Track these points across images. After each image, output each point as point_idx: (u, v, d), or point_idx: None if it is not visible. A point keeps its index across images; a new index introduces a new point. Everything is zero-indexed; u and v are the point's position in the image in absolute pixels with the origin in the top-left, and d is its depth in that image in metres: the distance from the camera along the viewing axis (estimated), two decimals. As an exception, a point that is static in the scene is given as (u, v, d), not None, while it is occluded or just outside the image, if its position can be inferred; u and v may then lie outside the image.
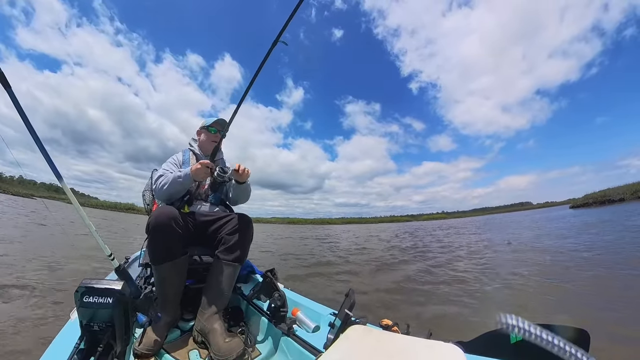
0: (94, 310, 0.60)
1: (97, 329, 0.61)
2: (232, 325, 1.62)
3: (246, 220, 1.67)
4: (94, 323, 0.61)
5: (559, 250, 7.24)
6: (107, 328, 0.62)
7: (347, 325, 1.13)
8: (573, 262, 5.72)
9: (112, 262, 1.05)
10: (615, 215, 16.49)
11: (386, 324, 1.27)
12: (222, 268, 1.56)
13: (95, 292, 0.60)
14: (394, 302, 3.98)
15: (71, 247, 6.28)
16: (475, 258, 7.37)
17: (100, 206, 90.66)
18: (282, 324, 1.43)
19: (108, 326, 0.62)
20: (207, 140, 1.93)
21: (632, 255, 5.66)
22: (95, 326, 0.61)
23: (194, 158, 1.93)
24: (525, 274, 5.06)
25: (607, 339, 2.41)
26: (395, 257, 8.55)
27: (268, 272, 1.68)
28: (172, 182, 1.59)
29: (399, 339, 0.84)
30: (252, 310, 1.72)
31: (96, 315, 0.61)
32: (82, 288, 0.60)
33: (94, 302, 0.60)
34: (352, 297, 1.28)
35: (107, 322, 0.62)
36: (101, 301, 0.60)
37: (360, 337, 0.88)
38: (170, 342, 1.43)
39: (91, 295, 0.60)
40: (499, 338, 0.99)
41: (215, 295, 1.53)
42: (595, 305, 3.35)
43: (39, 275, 4.02)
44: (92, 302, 0.60)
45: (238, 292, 1.87)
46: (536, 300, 3.74)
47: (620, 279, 4.31)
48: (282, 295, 1.53)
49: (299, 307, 1.61)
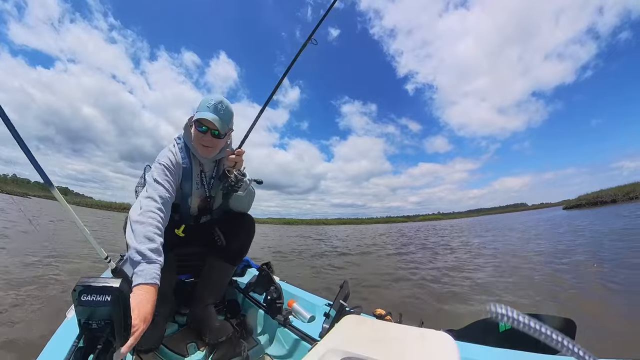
0: (92, 309, 0.60)
1: (95, 326, 0.61)
2: (229, 317, 1.64)
3: (249, 220, 1.61)
4: (92, 321, 0.61)
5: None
6: (106, 325, 0.62)
7: (341, 315, 1.16)
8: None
9: (109, 264, 1.04)
10: (598, 217, 16.86)
11: (379, 314, 1.30)
12: (217, 266, 1.56)
13: (93, 290, 0.60)
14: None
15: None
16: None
17: (96, 205, 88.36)
18: (279, 315, 1.45)
19: (107, 324, 0.62)
20: (197, 142, 1.40)
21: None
22: (94, 324, 0.61)
23: (197, 164, 1.49)
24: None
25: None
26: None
27: (264, 265, 1.69)
28: (129, 246, 1.05)
29: (392, 328, 0.86)
30: (248, 302, 1.74)
31: (94, 314, 0.61)
32: (80, 287, 0.59)
33: (92, 300, 0.59)
34: (346, 288, 1.31)
35: (106, 319, 0.62)
36: (99, 299, 0.59)
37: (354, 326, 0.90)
38: (169, 336, 1.45)
39: (89, 294, 0.59)
40: (488, 326, 1.03)
41: (209, 290, 1.54)
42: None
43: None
44: (90, 300, 0.59)
45: (234, 285, 1.89)
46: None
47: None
48: (278, 288, 1.55)
49: (295, 299, 1.64)
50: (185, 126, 1.48)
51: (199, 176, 1.48)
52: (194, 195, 1.49)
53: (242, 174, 1.45)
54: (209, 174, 1.52)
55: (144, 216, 1.11)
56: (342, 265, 6.96)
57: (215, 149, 1.43)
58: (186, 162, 1.43)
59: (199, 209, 1.55)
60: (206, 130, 1.36)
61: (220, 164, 1.55)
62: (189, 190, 1.47)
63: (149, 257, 0.99)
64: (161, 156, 1.38)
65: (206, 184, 1.51)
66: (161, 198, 1.20)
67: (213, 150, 1.42)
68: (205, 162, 1.48)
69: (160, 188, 1.24)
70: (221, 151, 1.49)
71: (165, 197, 1.23)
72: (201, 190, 1.51)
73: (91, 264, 4.98)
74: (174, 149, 1.43)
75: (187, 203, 1.50)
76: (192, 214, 1.54)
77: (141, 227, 1.07)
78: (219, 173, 1.53)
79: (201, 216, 1.58)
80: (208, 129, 1.36)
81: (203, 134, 1.37)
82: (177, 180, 1.40)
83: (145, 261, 0.98)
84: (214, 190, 1.56)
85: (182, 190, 1.47)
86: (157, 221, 1.12)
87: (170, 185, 1.30)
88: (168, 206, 1.24)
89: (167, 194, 1.25)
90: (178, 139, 1.49)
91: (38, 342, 2.09)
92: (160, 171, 1.30)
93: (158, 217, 1.13)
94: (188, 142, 1.45)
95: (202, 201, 1.54)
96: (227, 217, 1.63)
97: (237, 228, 1.58)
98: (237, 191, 1.46)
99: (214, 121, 1.32)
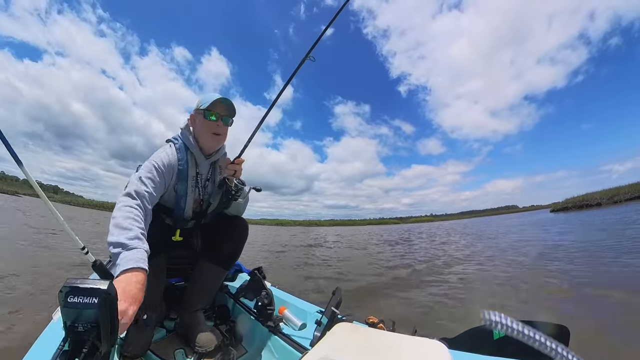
0: (79, 311, 0.58)
1: (81, 329, 0.59)
2: (218, 323, 1.61)
3: (242, 224, 1.60)
4: (79, 324, 0.59)
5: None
6: (92, 329, 0.60)
7: (333, 322, 1.15)
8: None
9: (87, 256, 0.95)
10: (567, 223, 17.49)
11: (372, 321, 1.29)
12: (208, 270, 1.54)
13: (80, 292, 0.58)
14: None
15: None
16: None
17: (88, 205, 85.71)
18: (269, 322, 1.44)
19: (93, 327, 0.60)
20: (205, 132, 1.39)
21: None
22: (80, 327, 0.59)
23: (193, 165, 1.45)
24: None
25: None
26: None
27: (255, 270, 1.67)
28: (108, 238, 0.98)
29: (385, 336, 0.85)
30: (238, 308, 1.71)
31: (81, 316, 0.59)
32: (67, 288, 0.58)
33: (79, 302, 0.58)
34: (338, 295, 1.30)
35: (92, 322, 0.60)
36: (86, 301, 0.58)
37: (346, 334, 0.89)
38: (157, 342, 1.41)
39: (76, 295, 0.58)
40: (483, 334, 1.02)
41: (199, 295, 1.51)
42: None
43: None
44: (76, 302, 0.58)
45: (225, 290, 1.86)
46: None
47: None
48: (269, 294, 1.53)
49: (286, 305, 1.62)
50: (185, 126, 1.47)
51: (195, 178, 1.46)
52: (189, 197, 1.46)
53: (242, 182, 1.50)
54: (205, 176, 1.51)
55: (120, 211, 1.04)
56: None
57: (224, 137, 1.47)
58: (183, 164, 1.40)
59: (194, 212, 1.52)
60: (216, 119, 1.39)
61: (216, 166, 1.55)
62: (183, 192, 1.43)
63: (128, 245, 0.92)
64: (154, 156, 1.35)
65: (201, 186, 1.49)
66: (140, 195, 1.14)
67: (223, 138, 1.46)
68: (202, 163, 1.47)
69: (142, 186, 1.18)
70: (218, 152, 1.50)
71: (144, 194, 1.16)
72: (196, 192, 1.49)
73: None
74: (170, 149, 1.40)
75: (182, 206, 1.46)
76: (186, 217, 1.50)
77: (116, 221, 1.01)
78: (215, 176, 1.54)
79: (195, 220, 1.55)
80: (219, 115, 1.40)
81: (215, 122, 1.39)
82: (168, 182, 1.36)
83: (125, 249, 0.91)
84: (212, 198, 1.54)
85: (177, 193, 1.43)
86: (134, 215, 1.05)
87: (155, 184, 1.24)
88: (148, 204, 1.17)
89: (147, 192, 1.18)
90: (175, 139, 1.46)
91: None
92: (147, 170, 1.26)
93: (136, 211, 1.07)
94: (187, 142, 1.43)
95: (196, 204, 1.52)
96: (219, 220, 1.62)
97: (230, 231, 1.56)
98: (237, 199, 1.49)
99: (224, 106, 1.39)
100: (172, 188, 1.41)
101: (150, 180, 1.22)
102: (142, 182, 1.20)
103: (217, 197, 1.54)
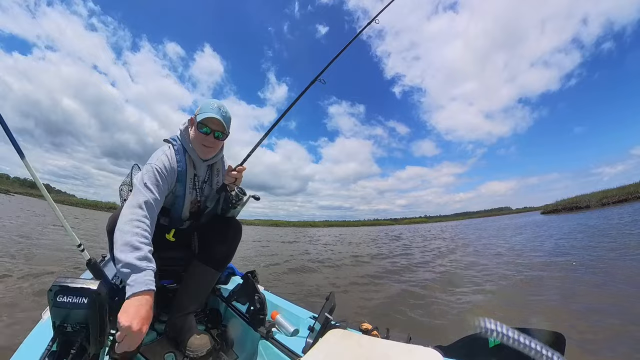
0: (68, 311, 0.57)
1: (70, 330, 0.58)
2: (210, 327, 1.58)
3: (235, 226, 1.58)
4: (68, 324, 0.58)
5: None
6: (82, 329, 0.59)
7: (326, 329, 1.14)
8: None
9: (82, 253, 0.97)
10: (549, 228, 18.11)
11: (366, 328, 1.28)
12: (201, 272, 1.52)
13: (70, 291, 0.57)
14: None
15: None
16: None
17: (81, 204, 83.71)
18: (261, 328, 1.42)
19: (82, 327, 0.59)
20: (197, 142, 1.41)
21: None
22: (69, 327, 0.58)
23: (191, 167, 1.46)
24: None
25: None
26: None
27: (248, 273, 1.65)
28: (116, 258, 0.99)
29: (379, 343, 0.85)
30: (230, 312, 1.69)
31: (70, 316, 0.58)
32: (56, 287, 0.57)
33: (68, 302, 0.57)
34: (332, 301, 1.29)
35: (82, 323, 0.59)
36: (76, 301, 0.57)
37: (339, 341, 0.89)
38: (147, 345, 1.38)
39: (65, 295, 0.57)
40: (478, 342, 1.02)
41: (191, 298, 1.49)
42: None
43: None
44: (66, 302, 0.57)
45: (217, 293, 1.83)
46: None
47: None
48: (262, 298, 1.51)
49: (279, 310, 1.60)
50: (184, 128, 1.47)
51: (192, 180, 1.47)
52: (187, 198, 1.46)
53: (242, 192, 1.52)
54: (202, 178, 1.53)
55: (130, 225, 1.07)
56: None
57: (215, 150, 1.47)
58: (182, 166, 1.41)
59: (191, 213, 1.53)
60: (209, 132, 1.39)
61: (213, 168, 1.57)
62: (181, 194, 1.44)
63: (138, 267, 0.96)
64: (155, 159, 1.34)
65: (198, 187, 1.51)
66: (148, 205, 1.16)
67: (213, 151, 1.45)
68: (199, 165, 1.48)
69: (149, 194, 1.20)
70: (215, 155, 1.52)
71: (152, 203, 1.19)
72: (194, 193, 1.50)
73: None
74: (169, 151, 1.40)
75: (179, 207, 1.46)
76: (183, 218, 1.51)
77: (127, 237, 1.03)
78: (212, 178, 1.56)
79: (191, 220, 1.56)
80: (211, 130, 1.39)
81: (205, 135, 1.39)
82: (170, 184, 1.37)
83: (136, 271, 0.96)
84: (209, 200, 1.56)
85: (175, 194, 1.44)
86: (143, 230, 1.08)
87: (160, 190, 1.26)
88: (155, 212, 1.20)
89: (155, 200, 1.21)
90: (174, 140, 1.46)
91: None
92: (152, 175, 1.26)
93: (144, 225, 1.10)
94: (185, 144, 1.44)
95: (193, 205, 1.53)
96: (213, 221, 1.61)
97: (224, 232, 1.55)
98: (236, 207, 1.53)
99: (218, 122, 1.37)
100: (171, 190, 1.42)
101: (155, 187, 1.24)
102: (149, 188, 1.21)
103: (213, 200, 1.56)
